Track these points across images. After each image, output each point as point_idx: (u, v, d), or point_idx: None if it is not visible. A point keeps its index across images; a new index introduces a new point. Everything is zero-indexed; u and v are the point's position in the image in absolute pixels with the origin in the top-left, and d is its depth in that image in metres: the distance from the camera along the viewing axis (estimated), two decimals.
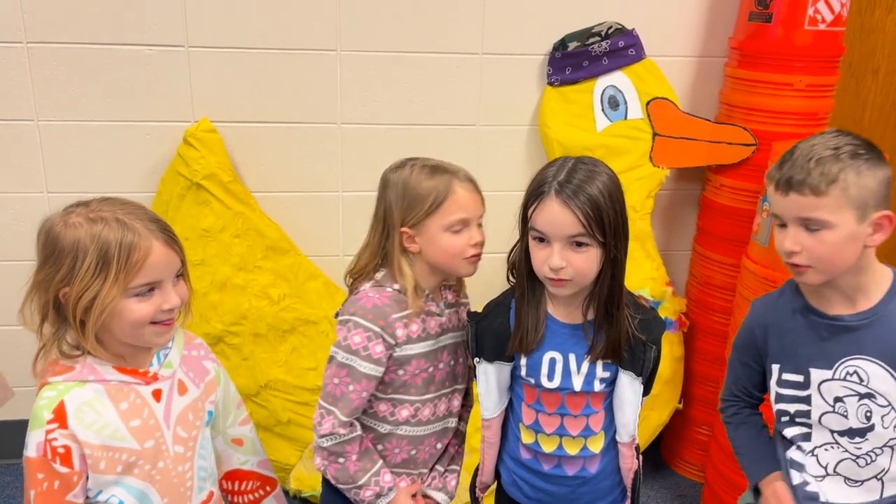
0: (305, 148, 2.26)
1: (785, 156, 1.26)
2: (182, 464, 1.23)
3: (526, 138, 2.36)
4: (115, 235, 1.11)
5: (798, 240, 1.23)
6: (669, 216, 2.53)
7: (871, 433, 1.30)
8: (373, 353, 1.34)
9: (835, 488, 1.35)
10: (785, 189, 1.23)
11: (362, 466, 1.38)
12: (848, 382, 1.30)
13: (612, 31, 2.24)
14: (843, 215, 1.21)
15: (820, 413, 1.33)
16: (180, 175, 2.12)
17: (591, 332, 1.32)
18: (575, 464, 1.38)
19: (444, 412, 1.46)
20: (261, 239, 2.19)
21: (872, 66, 2.60)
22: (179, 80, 2.15)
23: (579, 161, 1.28)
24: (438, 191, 1.34)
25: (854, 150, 1.22)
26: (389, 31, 2.20)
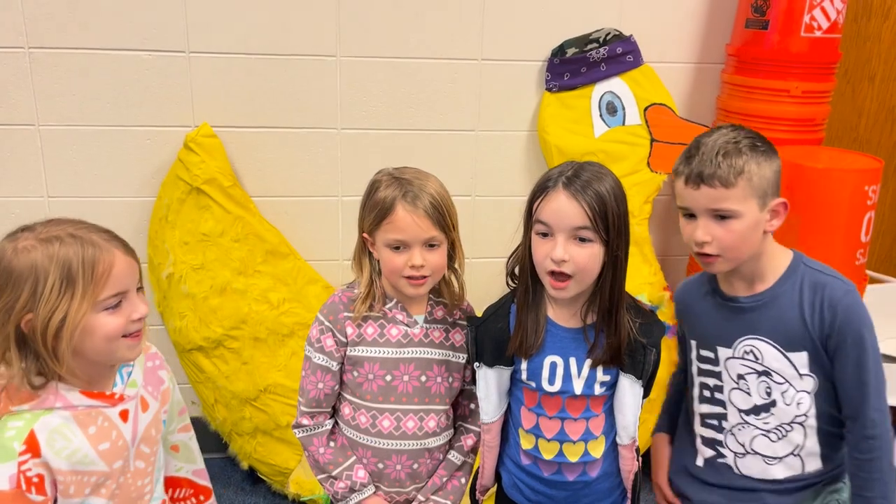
0: (305, 153, 2.27)
1: (689, 151, 1.35)
2: (142, 478, 1.24)
3: (525, 144, 2.37)
4: (75, 251, 1.08)
5: (708, 230, 1.32)
6: (667, 221, 2.54)
7: (775, 409, 1.39)
8: (324, 346, 1.41)
9: (755, 466, 1.43)
10: (696, 182, 1.31)
11: (334, 460, 1.43)
12: (746, 361, 1.40)
13: (611, 38, 2.25)
14: (748, 204, 1.31)
15: (729, 389, 1.43)
16: (181, 180, 2.13)
17: (592, 336, 1.33)
18: (575, 469, 1.39)
19: (413, 430, 1.43)
20: (261, 243, 2.20)
21: (868, 72, 2.62)
22: (180, 86, 2.16)
23: (587, 163, 1.31)
24: (383, 206, 1.34)
25: (752, 143, 1.32)
26: (389, 37, 2.22)
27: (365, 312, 1.41)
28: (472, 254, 2.45)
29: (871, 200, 2.11)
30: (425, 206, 1.33)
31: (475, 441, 1.52)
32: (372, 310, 1.41)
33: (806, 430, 1.39)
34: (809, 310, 1.34)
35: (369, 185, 1.41)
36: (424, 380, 1.43)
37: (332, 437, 1.46)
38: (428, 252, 1.36)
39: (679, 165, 1.35)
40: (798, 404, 1.38)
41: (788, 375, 1.36)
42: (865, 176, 2.07)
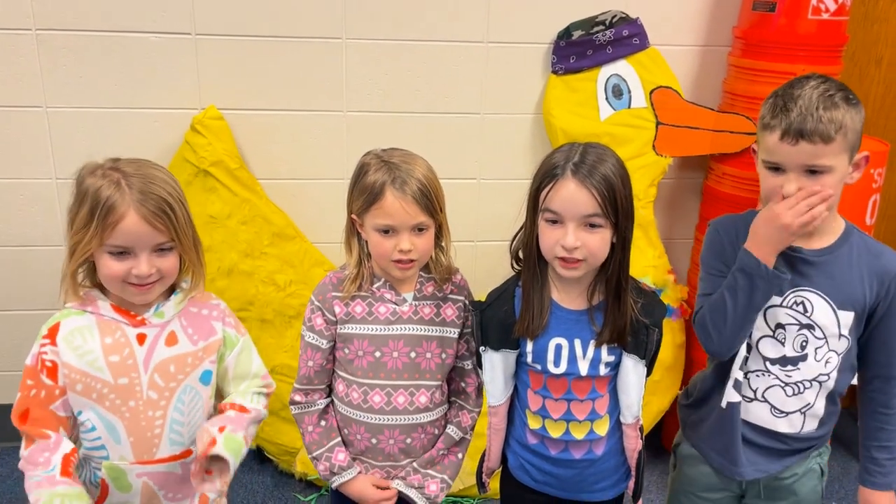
0: (311, 135, 2.28)
1: (782, 104, 1.29)
2: (154, 410, 1.28)
3: (530, 126, 2.37)
4: (105, 194, 1.21)
5: (801, 184, 1.28)
6: (672, 204, 2.54)
7: (804, 363, 1.39)
8: (315, 325, 1.45)
9: (760, 413, 1.45)
10: (795, 138, 1.26)
11: (318, 441, 1.47)
12: (793, 311, 1.38)
13: (617, 20, 2.25)
14: (841, 159, 1.28)
15: (759, 336, 1.41)
16: (187, 162, 2.14)
17: (597, 317, 1.35)
18: (581, 447, 1.41)
19: (404, 405, 1.45)
20: (267, 226, 2.21)
21: (875, 55, 2.61)
22: (187, 68, 2.17)
23: (588, 145, 1.31)
24: (372, 190, 1.36)
25: (845, 95, 1.28)
26: (395, 19, 2.21)
27: (354, 292, 1.43)
28: (478, 237, 2.46)
29: (876, 183, 2.11)
30: (413, 191, 1.34)
31: (470, 419, 1.55)
32: (361, 289, 1.44)
33: (820, 391, 1.41)
34: (869, 274, 1.36)
35: (357, 167, 1.42)
36: (414, 356, 1.45)
37: (325, 416, 1.50)
38: (416, 237, 1.38)
39: (770, 119, 1.29)
40: (827, 363, 1.39)
41: (830, 333, 1.37)
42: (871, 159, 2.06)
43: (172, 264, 1.27)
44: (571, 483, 1.44)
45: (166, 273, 1.26)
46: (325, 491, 2.29)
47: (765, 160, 1.33)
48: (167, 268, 1.26)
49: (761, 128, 1.33)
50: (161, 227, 1.23)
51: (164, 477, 1.31)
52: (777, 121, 1.28)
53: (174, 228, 1.24)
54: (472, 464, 2.21)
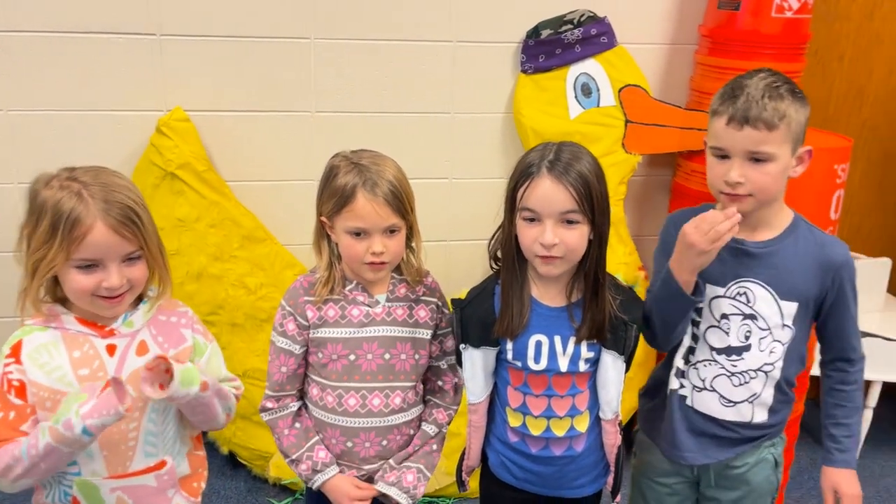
0: (280, 136, 2.26)
1: (730, 92, 1.33)
2: (127, 422, 1.25)
3: (500, 126, 2.38)
4: (68, 206, 1.16)
5: (743, 171, 1.32)
6: (641, 202, 2.57)
7: (748, 353, 1.43)
8: (287, 330, 1.43)
9: (710, 403, 1.48)
10: (740, 123, 1.30)
11: (297, 443, 1.46)
12: (736, 301, 1.41)
13: (585, 19, 2.26)
14: (784, 148, 1.32)
15: (706, 327, 1.45)
16: (154, 165, 2.11)
17: (576, 314, 1.36)
18: (562, 444, 1.41)
19: (379, 407, 1.44)
20: (236, 228, 2.18)
21: (837, 52, 2.66)
22: (151, 69, 2.13)
23: (562, 144, 1.32)
24: (343, 193, 1.35)
25: (791, 88, 1.33)
26: (363, 20, 2.20)
27: (326, 296, 1.42)
28: (451, 236, 2.46)
29: (840, 179, 2.15)
30: (385, 193, 1.34)
31: (446, 416, 1.55)
32: (333, 292, 1.43)
33: (767, 381, 1.44)
34: (814, 265, 1.39)
35: (327, 169, 1.41)
36: (388, 357, 1.44)
37: (298, 418, 1.48)
38: (388, 238, 1.37)
39: (719, 106, 1.34)
40: (770, 352, 1.42)
41: (773, 323, 1.41)
42: (834, 155, 2.11)
43: (142, 273, 1.24)
44: (552, 480, 1.44)
45: (136, 283, 1.23)
46: (299, 495, 2.27)
47: (712, 146, 1.37)
48: (137, 277, 1.23)
49: (710, 115, 1.37)
50: (129, 235, 1.19)
51: (139, 490, 1.28)
52: (724, 107, 1.33)
53: (142, 236, 1.21)
54: (450, 463, 2.20)
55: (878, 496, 2.47)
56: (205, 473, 1.41)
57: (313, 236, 1.46)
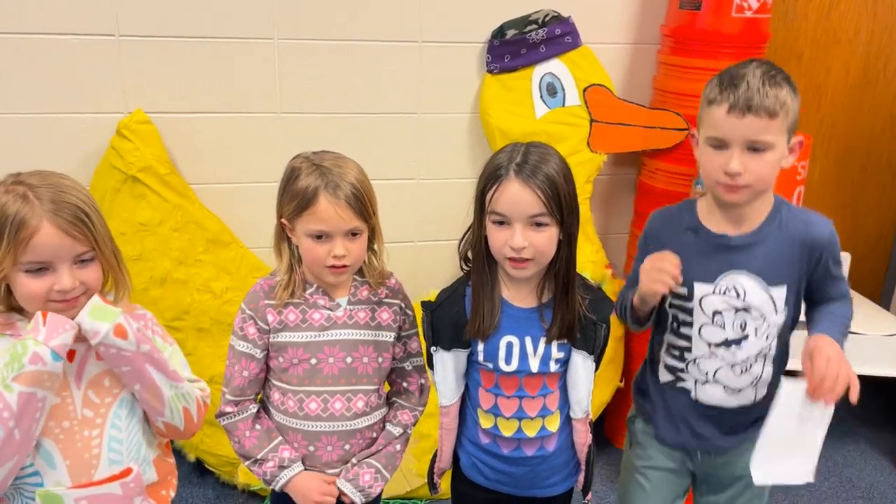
0: (245, 138, 2.23)
1: (730, 81, 1.30)
2: (90, 429, 1.22)
3: (467, 126, 2.38)
4: (13, 209, 1.13)
5: (743, 161, 1.30)
6: (607, 200, 2.59)
7: (746, 342, 1.42)
8: (247, 334, 1.42)
9: (714, 393, 1.48)
10: (743, 111, 1.28)
11: (260, 443, 1.44)
12: (727, 297, 1.41)
13: (549, 19, 2.27)
14: (782, 137, 1.31)
15: (700, 325, 1.45)
16: (114, 168, 2.07)
17: (546, 314, 1.36)
18: (533, 444, 1.42)
19: (341, 411, 1.44)
20: (201, 232, 2.15)
21: (796, 52, 2.71)
22: (111, 71, 2.09)
23: (530, 145, 1.32)
24: (305, 195, 1.33)
25: (786, 77, 1.32)
26: (327, 19, 2.18)
27: (286, 299, 1.41)
28: (418, 237, 2.45)
29: (800, 175, 2.19)
30: (347, 196, 1.32)
31: (411, 417, 1.54)
32: (293, 296, 1.41)
33: (766, 362, 1.45)
34: (801, 245, 1.38)
35: (288, 170, 1.39)
36: (350, 361, 1.43)
37: (258, 420, 1.47)
38: (350, 242, 1.36)
39: (716, 95, 1.31)
40: (766, 337, 1.42)
41: (766, 311, 1.40)
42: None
43: (96, 275, 1.21)
44: (523, 480, 1.45)
45: (91, 285, 1.20)
46: (268, 502, 2.25)
47: (709, 136, 1.34)
48: (91, 279, 1.20)
49: (706, 104, 1.34)
50: (79, 235, 1.16)
51: (104, 499, 1.24)
52: (724, 95, 1.30)
53: (93, 236, 1.18)
54: (422, 465, 2.21)
55: (840, 486, 2.53)
56: (174, 481, 1.38)
57: (273, 239, 1.44)
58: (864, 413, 2.95)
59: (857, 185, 2.93)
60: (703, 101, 1.36)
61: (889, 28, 2.74)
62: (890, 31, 2.74)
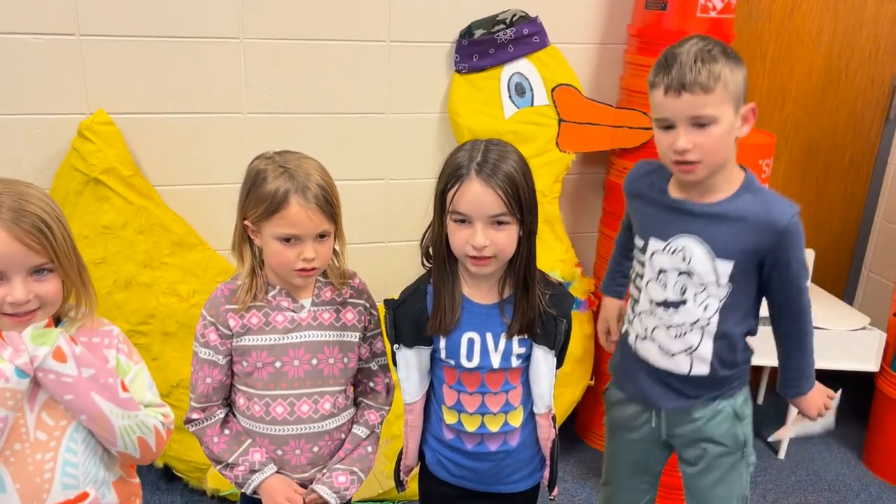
0: (211, 139, 2.20)
1: (664, 62, 1.35)
2: (43, 452, 1.17)
3: (436, 126, 2.37)
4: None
5: (690, 138, 1.34)
6: (577, 199, 2.60)
7: (683, 307, 1.47)
8: (209, 341, 1.40)
9: (651, 351, 1.54)
10: (678, 90, 1.32)
11: (229, 448, 1.43)
12: (673, 257, 1.45)
13: (517, 19, 2.27)
14: (725, 109, 1.34)
15: (647, 280, 1.51)
16: (76, 170, 2.03)
17: (507, 310, 1.37)
18: (497, 439, 1.43)
19: (308, 413, 1.43)
20: (166, 234, 2.12)
21: (760, 51, 2.75)
22: (71, 71, 2.05)
23: (489, 143, 1.32)
24: (274, 198, 1.31)
25: (723, 49, 1.35)
26: (294, 19, 2.16)
27: (249, 303, 1.39)
28: (389, 237, 2.44)
29: (765, 174, 2.22)
30: (317, 198, 1.31)
31: (378, 416, 1.54)
32: (256, 299, 1.40)
33: (703, 335, 1.48)
34: (759, 226, 1.40)
35: (252, 172, 1.37)
36: (316, 363, 1.42)
37: (227, 425, 1.45)
38: (319, 244, 1.35)
39: (655, 77, 1.36)
40: (705, 307, 1.45)
41: (708, 281, 1.44)
42: (759, 151, 2.18)
43: (53, 289, 1.15)
44: (488, 475, 1.45)
45: (47, 300, 1.15)
46: None
47: (656, 118, 1.39)
48: (47, 293, 1.14)
49: (649, 88, 1.39)
50: (36, 245, 1.11)
51: None
52: (660, 77, 1.35)
53: (52, 248, 1.13)
54: (390, 466, 2.19)
55: (808, 479, 2.57)
56: (138, 502, 1.34)
57: (233, 241, 1.42)
58: None
59: (820, 182, 2.98)
60: (648, 84, 1.40)
61: (850, 28, 2.79)
62: (851, 30, 2.79)
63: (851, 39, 2.81)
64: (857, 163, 2.98)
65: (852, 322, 2.56)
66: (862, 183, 3.01)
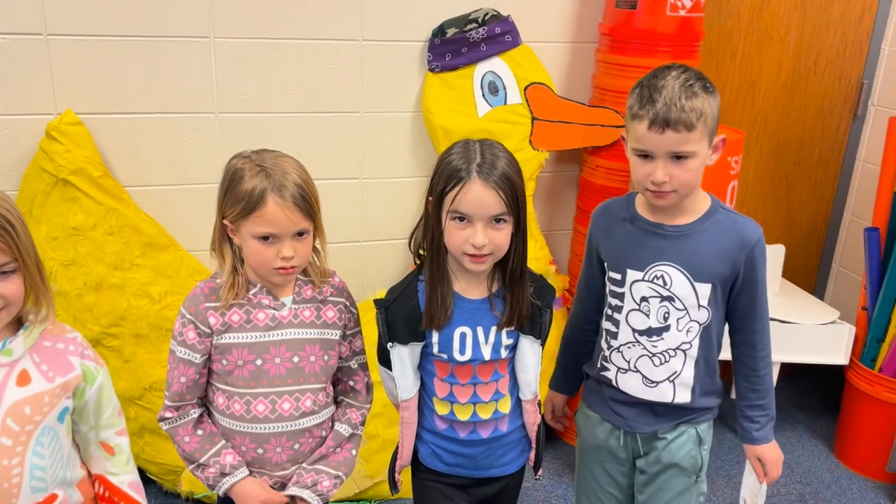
0: (181, 139, 2.18)
1: (647, 95, 1.37)
2: (9, 458, 1.17)
3: (410, 124, 2.37)
4: None
5: (667, 170, 1.38)
6: (550, 197, 2.61)
7: (667, 333, 1.49)
8: (186, 339, 1.40)
9: (633, 384, 1.55)
10: (662, 127, 1.35)
11: (200, 447, 1.42)
12: (654, 284, 1.48)
13: (489, 18, 2.28)
14: (702, 144, 1.38)
15: (628, 310, 1.52)
16: (44, 171, 2.00)
17: (497, 304, 1.41)
18: (488, 426, 1.47)
19: (290, 411, 1.43)
20: (137, 235, 2.10)
21: (730, 49, 2.78)
22: (38, 70, 2.02)
23: (482, 143, 1.35)
24: (252, 197, 1.31)
25: (703, 84, 1.38)
26: (265, 18, 2.15)
27: (231, 301, 1.39)
28: (364, 237, 2.44)
29: (734, 170, 2.25)
30: (295, 197, 1.32)
31: (360, 415, 1.54)
32: (237, 297, 1.40)
33: (686, 359, 1.51)
34: (731, 247, 1.45)
35: (230, 172, 1.37)
36: (297, 360, 1.43)
37: (201, 424, 1.45)
38: (297, 242, 1.35)
39: (638, 110, 1.37)
40: (688, 332, 1.49)
41: (689, 304, 1.47)
42: (728, 147, 2.19)
43: (16, 289, 1.15)
44: (481, 460, 1.49)
45: (11, 299, 1.14)
46: None
47: (634, 148, 1.41)
48: (11, 293, 1.14)
49: (630, 118, 1.40)
50: (2, 245, 1.11)
51: None
52: (645, 111, 1.36)
53: (16, 247, 1.12)
54: (369, 466, 2.19)
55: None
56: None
57: (213, 241, 1.42)
58: (802, 400, 3.04)
59: (790, 178, 3.02)
60: (628, 112, 1.42)
61: (818, 26, 2.83)
62: (819, 28, 2.83)
63: (819, 38, 2.85)
64: (826, 159, 3.03)
65: (822, 316, 2.60)
66: (831, 179, 3.06)
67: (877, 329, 2.49)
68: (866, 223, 2.82)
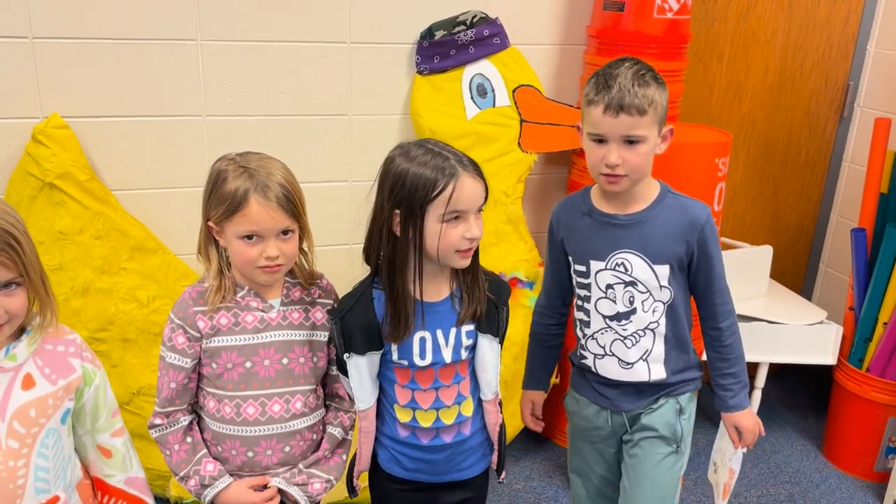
0: (169, 142, 2.17)
1: (604, 82, 1.44)
2: (15, 459, 1.18)
3: (399, 127, 2.37)
4: None
5: (620, 153, 1.45)
6: (539, 199, 2.62)
7: (634, 316, 1.56)
8: (176, 344, 1.40)
9: (611, 367, 1.62)
10: (616, 111, 1.42)
11: (186, 458, 1.43)
12: (617, 272, 1.55)
13: (477, 20, 2.28)
14: (652, 130, 1.46)
15: (596, 299, 1.59)
16: (30, 175, 1.99)
17: (457, 302, 1.41)
18: (451, 430, 1.46)
19: (280, 413, 1.43)
20: (124, 239, 2.09)
21: (717, 52, 2.79)
22: (24, 74, 2.01)
23: (429, 141, 1.38)
24: (234, 197, 1.32)
25: (654, 75, 1.47)
26: (253, 20, 2.15)
27: (219, 304, 1.39)
28: (353, 239, 2.43)
29: (721, 172, 2.26)
30: (278, 196, 1.32)
31: (349, 419, 1.55)
32: (224, 300, 1.40)
33: (655, 337, 1.58)
34: (681, 228, 1.52)
35: (214, 173, 1.37)
36: (286, 362, 1.43)
37: (190, 432, 1.45)
38: (282, 242, 1.36)
39: (594, 96, 1.45)
40: (653, 312, 1.56)
41: (651, 286, 1.54)
42: (715, 149, 2.21)
43: (20, 303, 1.15)
44: (443, 465, 1.48)
45: (14, 314, 1.15)
46: None
47: (590, 133, 1.49)
48: (14, 308, 1.15)
49: (586, 104, 1.48)
50: (7, 262, 1.11)
51: None
52: (600, 97, 1.44)
53: (21, 263, 1.13)
54: None
55: (769, 471, 2.62)
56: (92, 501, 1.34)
57: (199, 243, 1.42)
58: (790, 400, 3.06)
59: (777, 180, 3.04)
60: (584, 99, 1.49)
61: (804, 28, 2.85)
62: (805, 30, 2.85)
63: (805, 40, 2.87)
64: (813, 160, 3.05)
65: (810, 316, 2.61)
66: (818, 180, 3.08)
67: (864, 329, 2.51)
68: (853, 224, 2.83)
